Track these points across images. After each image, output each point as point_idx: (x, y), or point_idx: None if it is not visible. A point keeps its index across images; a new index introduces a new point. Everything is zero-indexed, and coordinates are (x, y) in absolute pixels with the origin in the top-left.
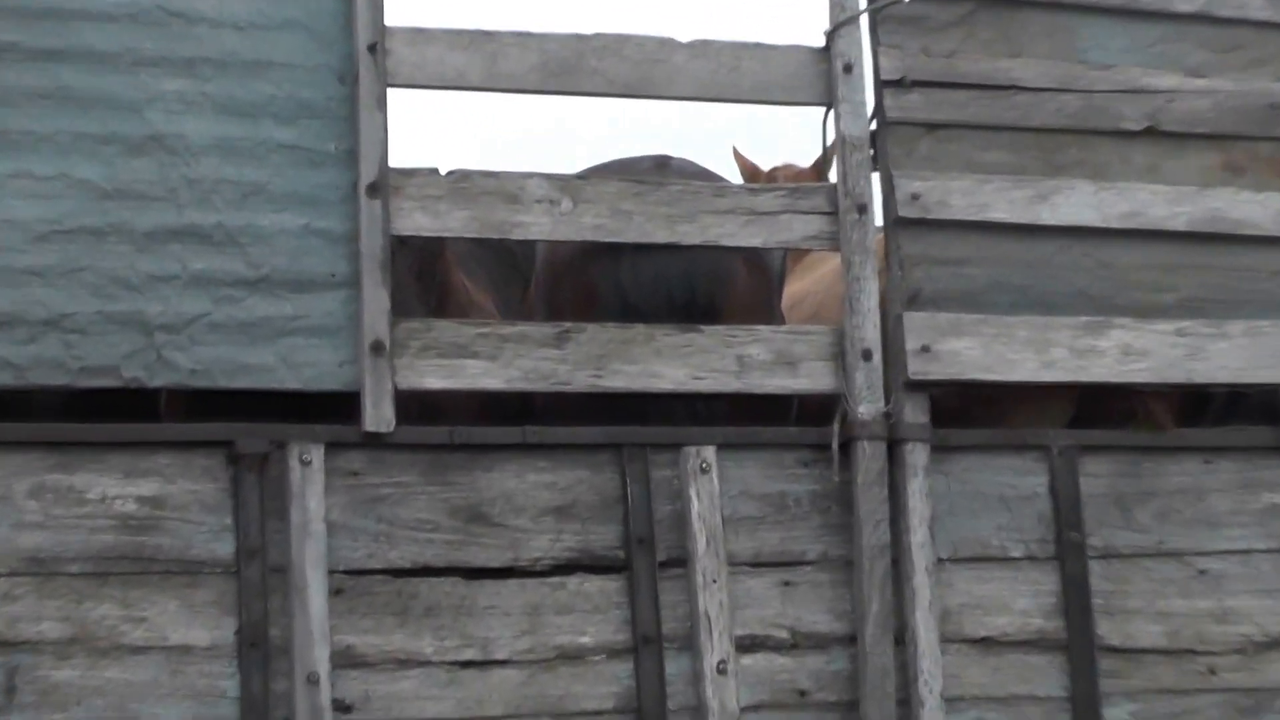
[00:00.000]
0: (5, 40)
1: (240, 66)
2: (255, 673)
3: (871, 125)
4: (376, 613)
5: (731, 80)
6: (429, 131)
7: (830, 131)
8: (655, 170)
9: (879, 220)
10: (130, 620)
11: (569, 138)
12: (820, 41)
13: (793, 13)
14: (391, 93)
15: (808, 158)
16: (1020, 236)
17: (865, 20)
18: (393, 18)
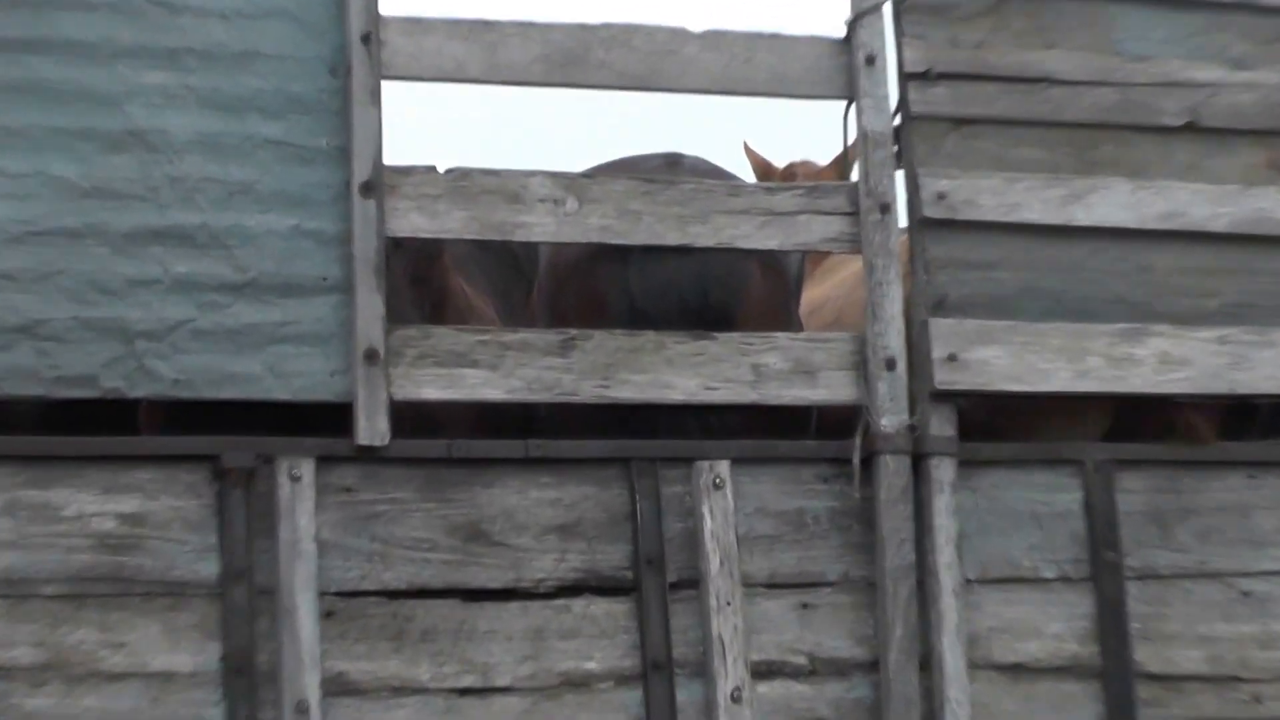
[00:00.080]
0: None
1: (226, 58)
2: (241, 702)
3: (895, 120)
4: (370, 637)
5: (746, 73)
6: (426, 127)
7: (851, 127)
8: (665, 168)
9: (903, 221)
10: (109, 645)
11: (576, 134)
12: (841, 32)
13: (812, 2)
14: (386, 85)
15: (825, 155)
16: (1053, 238)
17: (888, 9)
18: (387, 6)
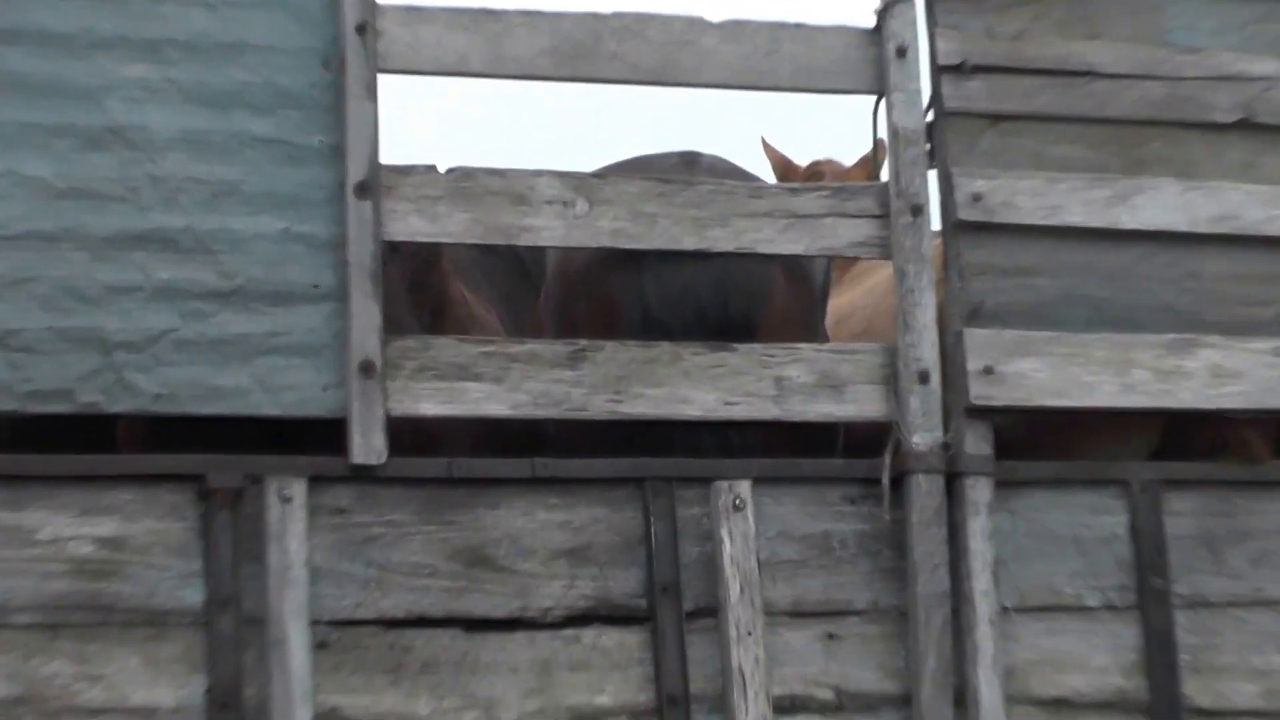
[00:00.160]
0: None
1: (211, 49)
2: None
3: (928, 116)
4: (366, 669)
5: (769, 66)
6: (426, 124)
7: (881, 124)
8: (682, 168)
9: (936, 224)
10: (86, 678)
11: (586, 131)
12: (870, 22)
13: None
14: (383, 79)
15: (850, 155)
16: (1096, 243)
17: None
18: None
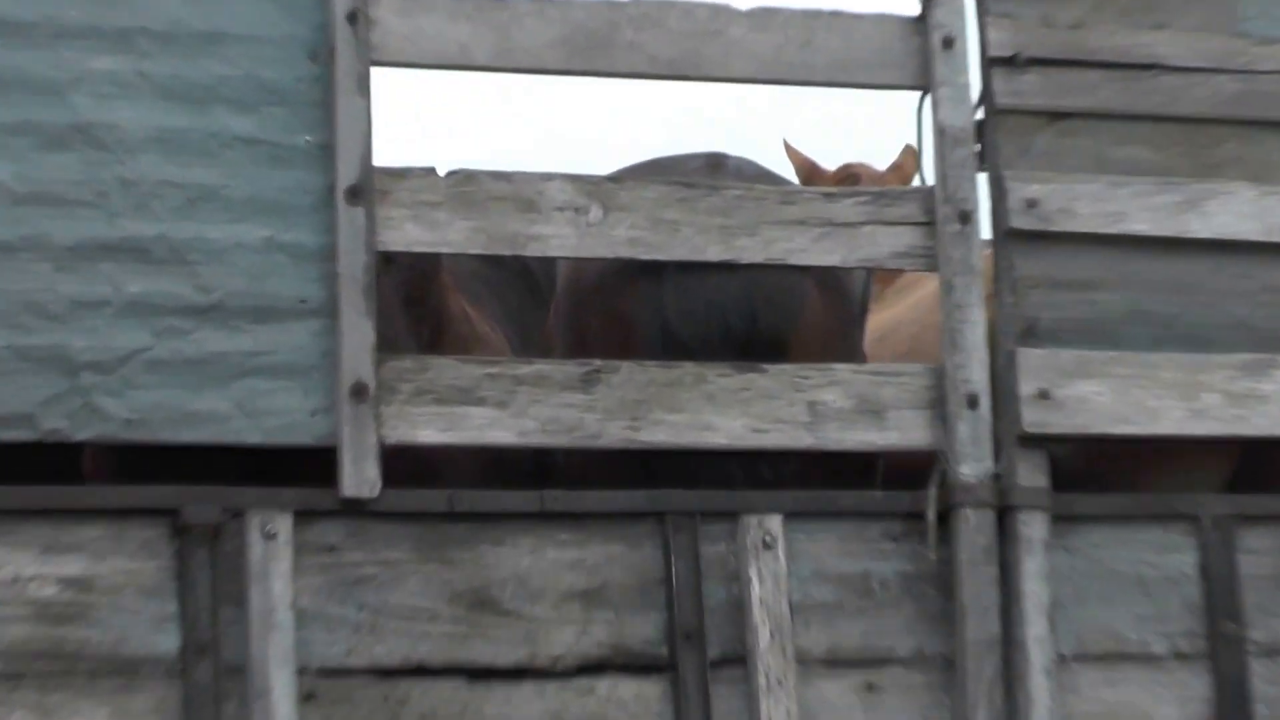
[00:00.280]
0: None
1: (187, 40)
2: None
3: (977, 114)
4: None
5: (803, 58)
6: (424, 122)
7: (926, 122)
8: (706, 171)
9: (986, 233)
10: None
11: (601, 130)
12: (914, 9)
13: None
14: (377, 73)
15: (885, 157)
16: (1164, 253)
17: None
18: None
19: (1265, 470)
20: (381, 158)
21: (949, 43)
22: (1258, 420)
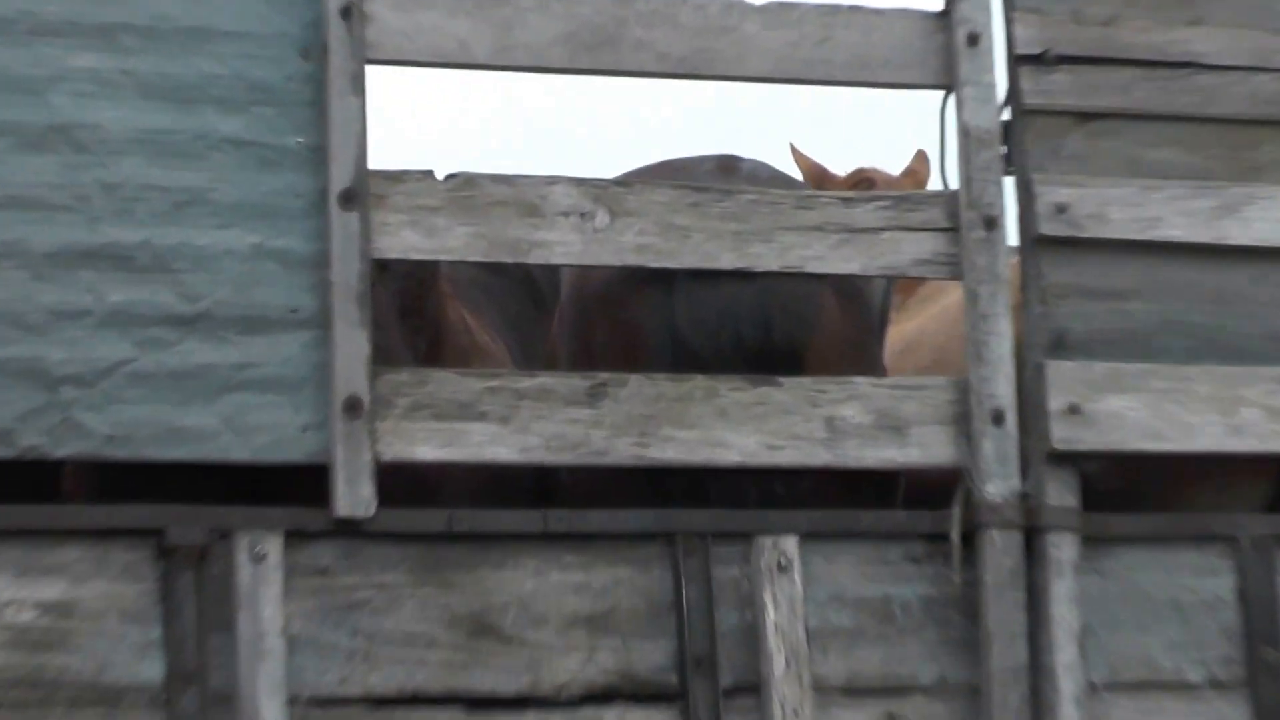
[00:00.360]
0: None
1: (172, 36)
2: None
3: (1004, 114)
4: None
5: (820, 55)
6: (421, 123)
7: (950, 123)
8: (719, 174)
9: (1013, 239)
10: None
11: (608, 132)
12: (937, 4)
13: None
14: (372, 71)
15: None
16: (1200, 260)
17: None
18: None
19: None
20: (376, 160)
21: (974, 39)
22: None
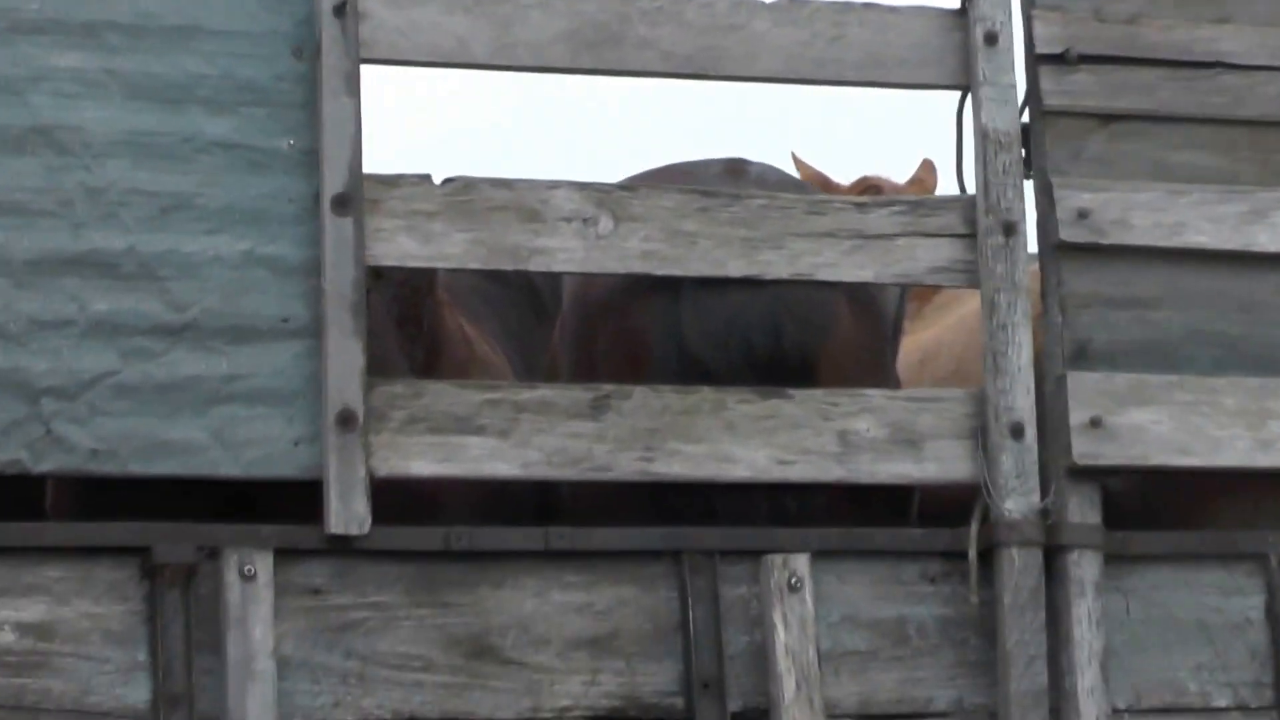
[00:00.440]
0: None
1: (159, 34)
2: None
3: (1023, 116)
4: None
5: (833, 54)
6: (417, 124)
7: (968, 125)
8: (727, 178)
9: (1033, 246)
10: None
11: (612, 133)
12: (954, 1)
13: None
14: (367, 71)
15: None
16: (1228, 268)
17: None
18: None
19: None
20: (371, 163)
21: (992, 38)
22: None
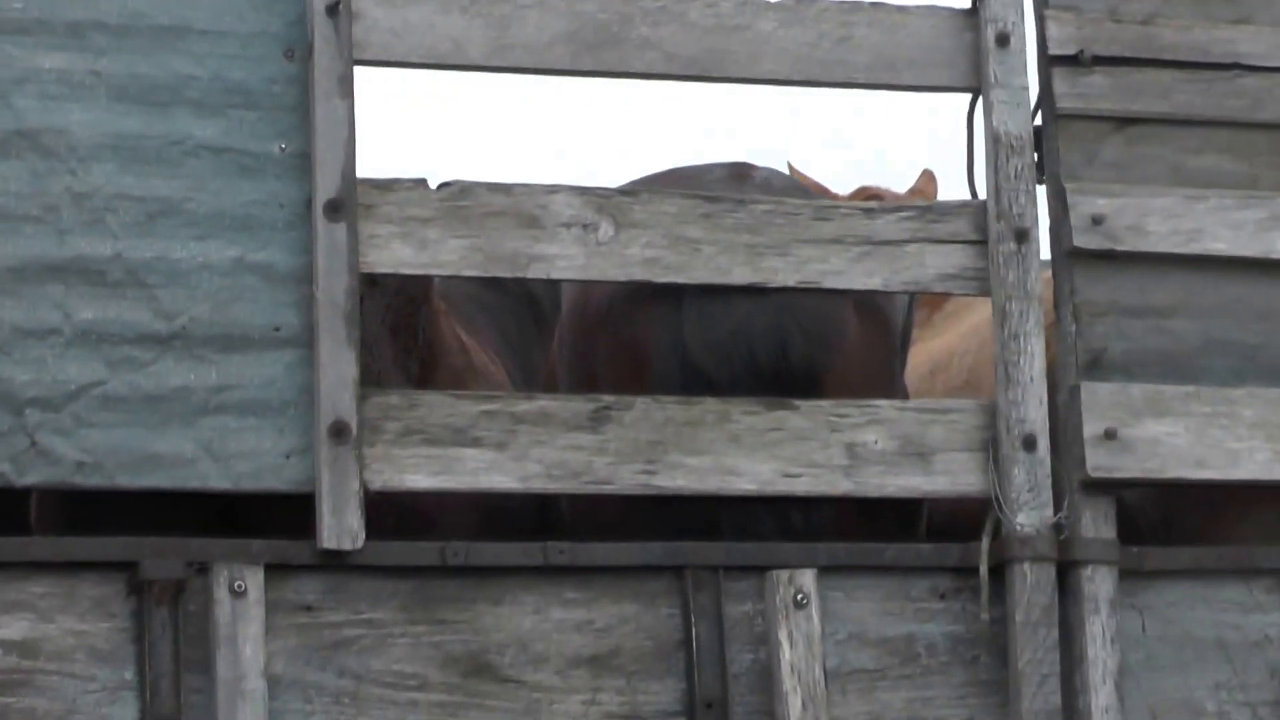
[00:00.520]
0: None
1: (147, 35)
2: None
3: (1036, 119)
4: None
5: (840, 55)
6: (413, 127)
7: (979, 128)
8: (731, 182)
9: (1046, 253)
10: None
11: (613, 137)
12: (965, 1)
13: None
14: (360, 72)
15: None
16: (1247, 276)
17: None
18: None
19: None
20: (365, 167)
21: (1004, 39)
22: None
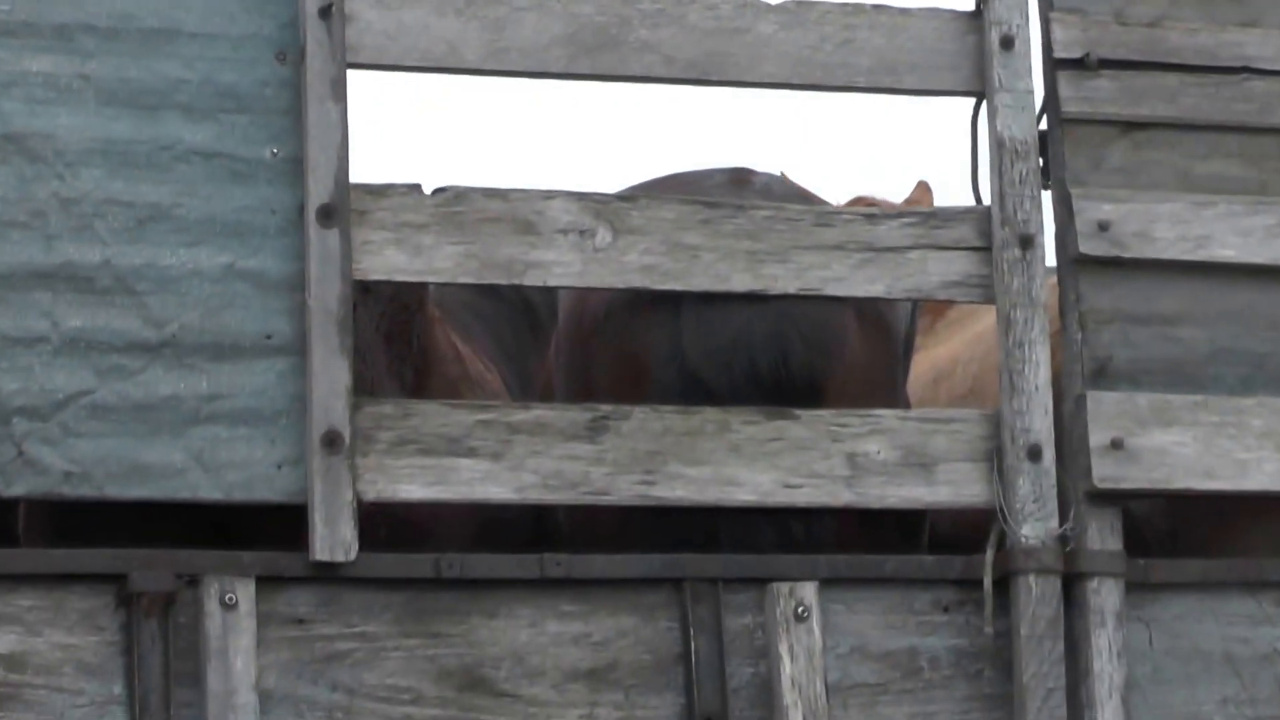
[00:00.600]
0: None
1: (136, 38)
2: None
3: (1041, 123)
4: None
5: (842, 59)
6: (407, 131)
7: (983, 133)
8: (731, 188)
9: (1051, 259)
10: None
11: (611, 142)
12: (969, 4)
13: None
14: (353, 75)
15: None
16: (1256, 283)
17: None
18: None
19: None
20: (358, 173)
21: (1009, 42)
22: None
